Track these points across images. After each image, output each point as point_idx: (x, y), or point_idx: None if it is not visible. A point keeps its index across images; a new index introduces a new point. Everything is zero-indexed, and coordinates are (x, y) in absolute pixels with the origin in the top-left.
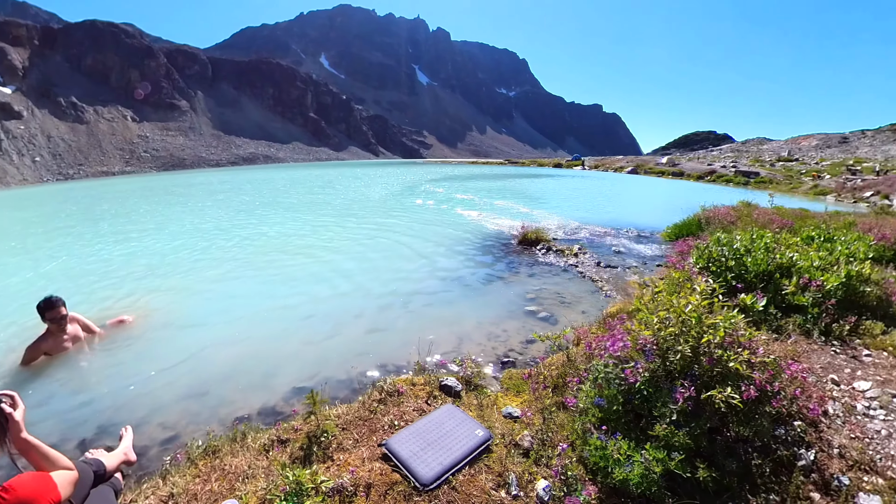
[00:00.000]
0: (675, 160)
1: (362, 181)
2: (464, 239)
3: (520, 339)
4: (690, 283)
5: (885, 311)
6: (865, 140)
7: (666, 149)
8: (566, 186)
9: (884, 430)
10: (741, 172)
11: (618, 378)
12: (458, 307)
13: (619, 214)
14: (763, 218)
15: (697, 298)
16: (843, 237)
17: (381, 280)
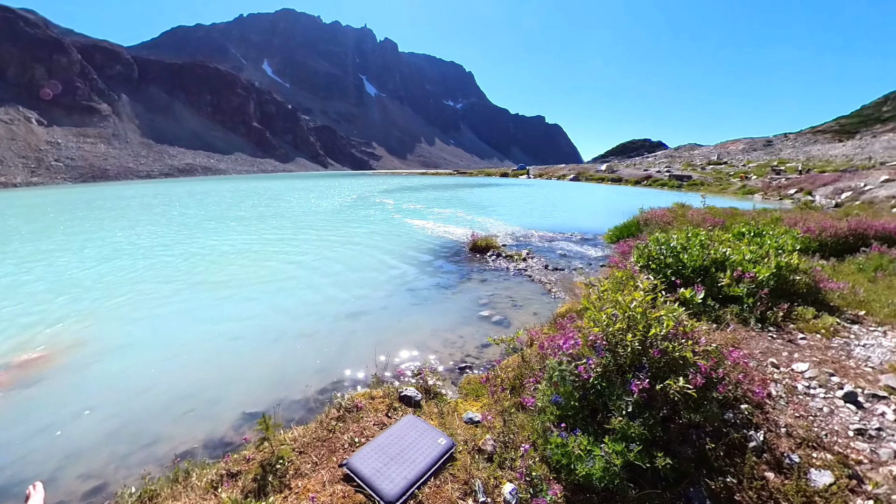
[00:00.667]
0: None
1: (314, 193)
2: (417, 248)
3: (475, 343)
4: (633, 280)
5: (815, 297)
6: (788, 142)
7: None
8: (513, 195)
9: (825, 407)
10: (675, 176)
11: (572, 375)
12: (414, 316)
13: (564, 220)
14: (697, 217)
15: (641, 294)
16: (772, 232)
17: (334, 293)
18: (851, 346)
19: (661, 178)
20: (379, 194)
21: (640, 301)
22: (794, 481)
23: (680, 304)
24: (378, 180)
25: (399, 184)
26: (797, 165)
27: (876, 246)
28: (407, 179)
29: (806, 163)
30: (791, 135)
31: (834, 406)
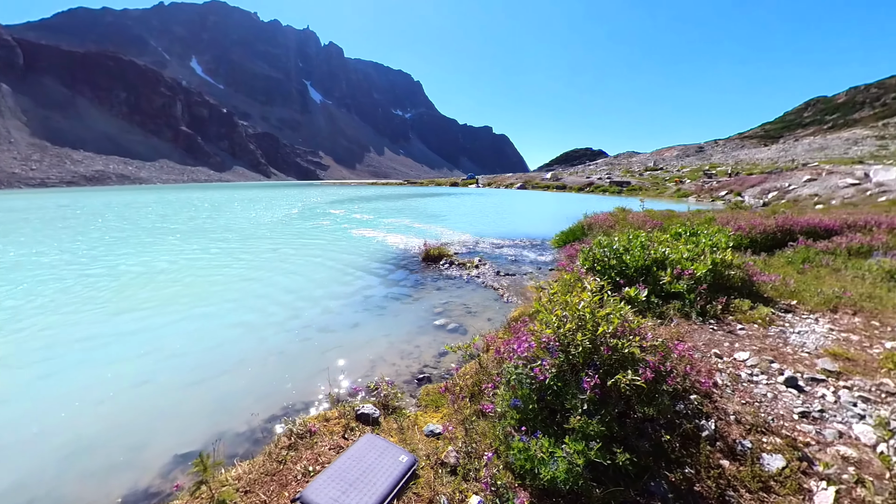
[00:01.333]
0: (559, 175)
1: (259, 204)
2: (369, 259)
3: (433, 353)
4: (581, 282)
5: (749, 290)
6: (718, 148)
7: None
8: (464, 203)
9: (769, 392)
10: (615, 182)
11: (528, 377)
12: (368, 329)
13: (513, 227)
14: (637, 220)
15: (589, 295)
16: (706, 231)
17: (283, 309)
18: (787, 334)
19: (602, 184)
20: (329, 205)
21: (588, 301)
22: (749, 467)
23: (625, 302)
24: (327, 191)
25: (349, 194)
26: (727, 169)
27: (802, 240)
28: (357, 190)
29: (735, 166)
30: (721, 141)
31: (777, 391)
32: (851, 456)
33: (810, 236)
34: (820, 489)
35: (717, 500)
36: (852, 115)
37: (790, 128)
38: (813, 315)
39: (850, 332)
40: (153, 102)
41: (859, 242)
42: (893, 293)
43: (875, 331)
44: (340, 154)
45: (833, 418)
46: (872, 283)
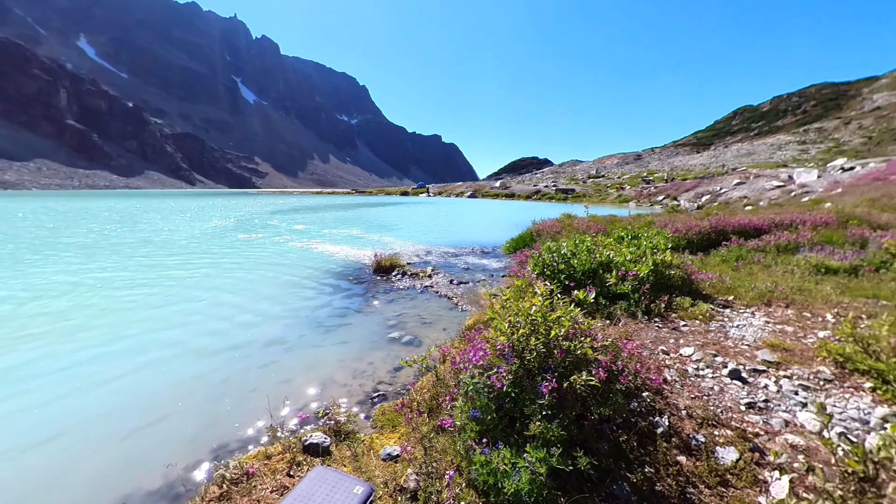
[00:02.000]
0: (507, 183)
1: (184, 214)
2: (315, 273)
3: (387, 368)
4: (532, 287)
5: (689, 288)
6: (655, 155)
7: (498, 174)
8: (415, 213)
9: (715, 386)
10: (561, 190)
11: (486, 387)
12: (315, 349)
13: (465, 235)
14: (582, 225)
15: (540, 300)
16: (646, 234)
17: (214, 333)
18: (727, 328)
19: (549, 192)
20: (269, 215)
21: (540, 306)
22: (705, 462)
23: (575, 305)
24: (266, 200)
25: (291, 203)
26: (663, 175)
27: (734, 240)
28: (300, 199)
29: (671, 172)
30: (657, 149)
31: (723, 384)
32: (799, 444)
33: (742, 236)
34: (774, 479)
35: (679, 499)
36: (776, 122)
37: (720, 135)
38: (749, 309)
39: (785, 323)
40: (24, 88)
41: (787, 240)
42: (821, 285)
43: (807, 321)
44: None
45: (778, 407)
46: (801, 277)
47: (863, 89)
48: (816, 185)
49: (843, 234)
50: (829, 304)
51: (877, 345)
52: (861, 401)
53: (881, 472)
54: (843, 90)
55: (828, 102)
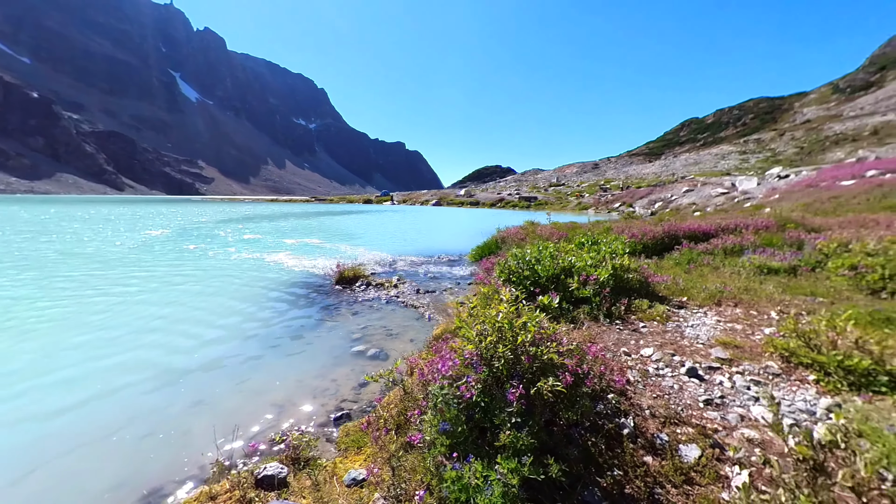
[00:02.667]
0: (472, 191)
1: (114, 224)
2: (272, 286)
3: (351, 385)
4: (498, 294)
5: (646, 290)
6: (611, 164)
7: (463, 182)
8: (379, 221)
9: (675, 384)
10: (524, 198)
11: (455, 397)
12: (272, 368)
13: (431, 243)
14: (545, 233)
15: (506, 306)
16: (605, 239)
17: (157, 356)
18: (682, 328)
19: (512, 199)
20: (218, 224)
21: (506, 312)
22: (670, 461)
23: (540, 310)
24: (212, 208)
25: (243, 212)
26: (619, 183)
27: (686, 243)
28: (253, 207)
29: (626, 181)
30: (613, 158)
31: (681, 382)
32: (755, 437)
33: (692, 240)
34: (735, 474)
35: (648, 501)
36: (719, 133)
37: (669, 145)
38: (702, 309)
39: (735, 322)
40: None
41: (732, 243)
42: (765, 285)
43: (754, 319)
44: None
45: (733, 403)
46: (747, 278)
47: (794, 104)
48: (756, 192)
49: (781, 236)
50: (772, 303)
51: (817, 339)
52: (807, 393)
53: (830, 460)
54: (778, 104)
55: (764, 115)
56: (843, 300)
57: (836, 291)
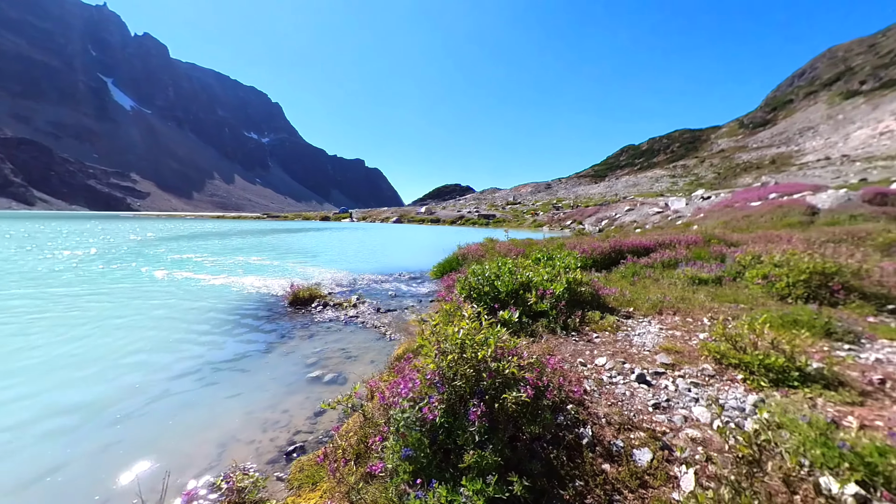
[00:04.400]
0: (433, 209)
1: (26, 242)
2: (217, 310)
3: (306, 414)
4: (459, 311)
5: (598, 302)
6: (562, 185)
7: (423, 200)
8: (338, 238)
9: (626, 391)
10: (483, 216)
11: (417, 420)
12: (214, 402)
13: (392, 260)
14: (503, 249)
15: (467, 323)
16: (559, 255)
17: (82, 393)
18: (631, 337)
19: (472, 217)
20: (156, 243)
21: (467, 329)
22: (626, 466)
23: (501, 325)
24: (149, 225)
25: (185, 229)
26: (570, 202)
27: (630, 258)
28: (197, 224)
29: (575, 200)
30: (563, 179)
31: (632, 389)
32: (697, 437)
33: (635, 254)
34: (683, 474)
35: None
36: (653, 159)
37: (612, 168)
38: (646, 318)
39: (674, 329)
40: None
41: (668, 257)
42: (697, 294)
43: (691, 326)
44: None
45: (677, 405)
46: (682, 288)
47: (711, 135)
48: (685, 211)
49: (708, 250)
50: (704, 310)
51: (742, 342)
52: (737, 391)
53: (761, 453)
54: (698, 135)
55: (688, 144)
56: (759, 306)
57: (754, 298)
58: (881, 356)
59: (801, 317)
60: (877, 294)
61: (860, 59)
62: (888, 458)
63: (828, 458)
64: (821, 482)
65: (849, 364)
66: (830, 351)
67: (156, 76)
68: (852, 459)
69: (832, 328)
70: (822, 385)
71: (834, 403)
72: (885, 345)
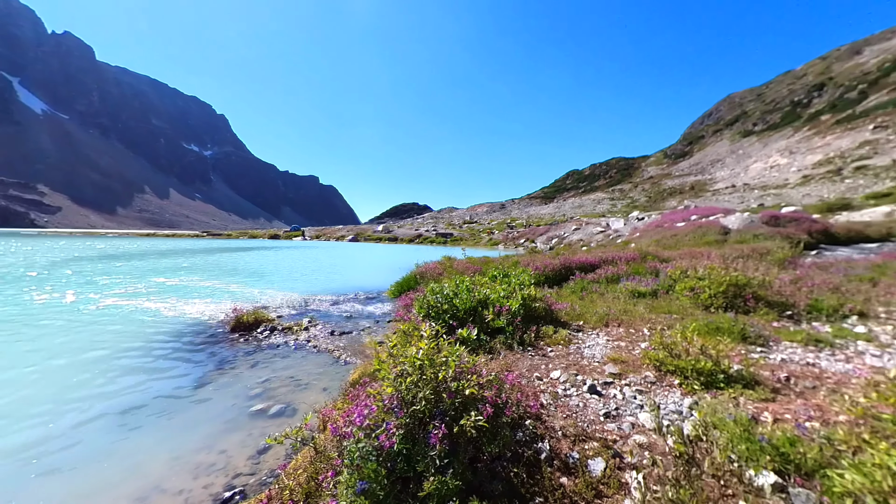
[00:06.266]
0: (390, 227)
1: None
2: (144, 339)
3: (248, 453)
4: (418, 330)
5: (551, 317)
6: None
7: (381, 218)
8: (289, 258)
9: (580, 402)
10: (441, 234)
11: (374, 449)
12: (134, 451)
13: (347, 280)
14: (461, 267)
15: (426, 343)
16: (514, 272)
17: None
18: (582, 349)
19: (430, 235)
20: (65, 263)
21: (426, 349)
22: (582, 478)
23: (460, 343)
24: (60, 244)
25: (106, 248)
26: (523, 222)
27: (578, 274)
28: (121, 242)
29: (528, 220)
30: (516, 200)
31: (585, 400)
32: (644, 442)
33: (582, 270)
34: (633, 479)
35: None
36: (594, 183)
37: (560, 191)
38: (595, 331)
39: (620, 340)
40: None
41: (612, 273)
42: (637, 306)
43: (633, 336)
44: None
45: (625, 413)
46: (625, 301)
47: (642, 163)
48: (624, 230)
49: (644, 266)
50: (644, 321)
51: (677, 349)
52: (675, 395)
53: (696, 452)
54: (631, 163)
55: (623, 171)
56: (689, 315)
57: (684, 308)
58: (785, 356)
59: (722, 324)
60: (778, 302)
61: (752, 105)
62: (797, 448)
63: (751, 452)
64: (747, 474)
65: (761, 365)
66: (746, 354)
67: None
68: (770, 451)
69: (747, 333)
70: (742, 385)
71: (753, 401)
72: (787, 346)
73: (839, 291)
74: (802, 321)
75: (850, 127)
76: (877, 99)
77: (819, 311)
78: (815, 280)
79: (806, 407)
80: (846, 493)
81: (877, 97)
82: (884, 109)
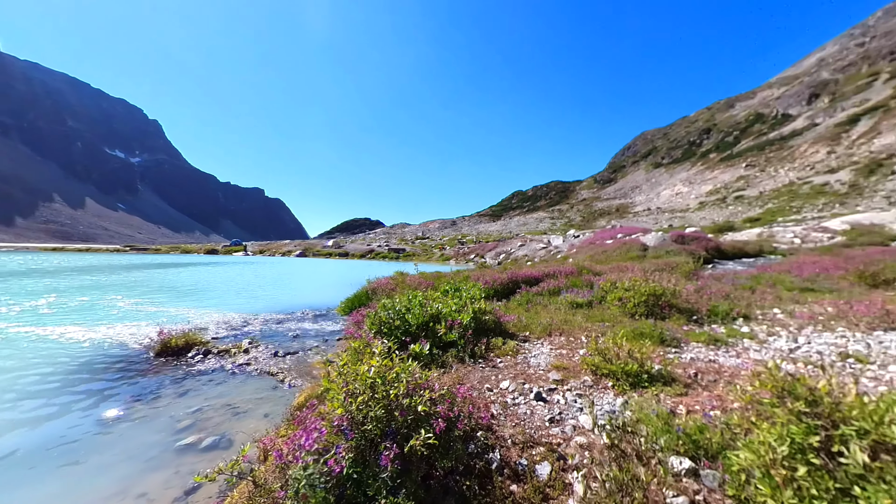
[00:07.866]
0: (341, 242)
1: None
2: (51, 370)
3: (174, 494)
4: (369, 348)
5: (500, 329)
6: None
7: (331, 233)
8: (228, 275)
9: (527, 410)
10: (393, 249)
11: (322, 475)
12: (31, 498)
13: (294, 297)
14: (414, 282)
15: (378, 360)
16: (465, 286)
17: None
18: (528, 359)
19: (382, 251)
20: None
21: (379, 366)
22: (530, 484)
23: (412, 358)
24: None
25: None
26: (473, 238)
27: (524, 287)
28: (18, 256)
29: (478, 236)
30: (467, 217)
31: (532, 407)
32: (584, 442)
33: (528, 284)
34: (576, 479)
35: None
36: (537, 203)
37: (506, 209)
38: (539, 340)
39: (561, 348)
40: None
41: (553, 285)
42: (575, 316)
43: (573, 344)
44: None
45: (567, 416)
46: (565, 312)
47: (576, 187)
48: (563, 247)
49: (581, 279)
50: (581, 329)
51: (609, 354)
52: (609, 396)
53: (629, 446)
54: (567, 186)
55: (561, 193)
56: (618, 323)
57: (615, 317)
58: (693, 355)
59: (645, 330)
60: (686, 308)
61: (660, 141)
62: (705, 434)
63: (670, 442)
64: (669, 462)
65: (676, 364)
66: (664, 354)
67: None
68: (685, 440)
69: (664, 337)
70: (662, 383)
71: (670, 396)
72: (694, 346)
73: (730, 298)
74: (705, 324)
75: (730, 164)
76: (746, 143)
77: (716, 315)
78: (712, 289)
79: (710, 398)
80: (741, 470)
81: (746, 142)
82: (751, 152)
